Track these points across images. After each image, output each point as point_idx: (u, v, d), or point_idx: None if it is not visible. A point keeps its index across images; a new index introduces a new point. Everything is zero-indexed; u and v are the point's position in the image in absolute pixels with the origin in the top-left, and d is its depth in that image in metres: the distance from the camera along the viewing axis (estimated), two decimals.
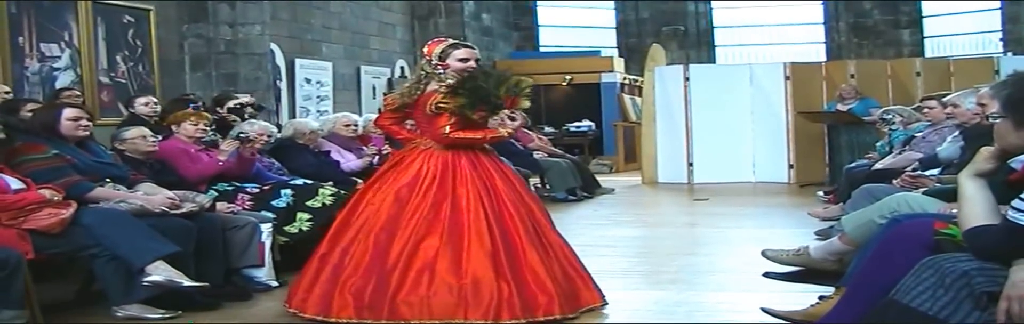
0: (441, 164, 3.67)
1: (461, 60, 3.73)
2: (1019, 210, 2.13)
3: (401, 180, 3.67)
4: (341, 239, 3.64)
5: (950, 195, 2.91)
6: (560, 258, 3.64)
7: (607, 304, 3.69)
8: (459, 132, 3.67)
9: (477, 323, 3.36)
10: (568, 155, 9.91)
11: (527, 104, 3.79)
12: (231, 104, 6.34)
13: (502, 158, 4.03)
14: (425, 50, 3.84)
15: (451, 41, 3.87)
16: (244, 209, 4.58)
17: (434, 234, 3.51)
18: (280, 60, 9.70)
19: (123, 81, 7.69)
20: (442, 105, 3.66)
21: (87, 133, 4.17)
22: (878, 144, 7.66)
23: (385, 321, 3.40)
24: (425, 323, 3.38)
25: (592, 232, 6.26)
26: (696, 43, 16.48)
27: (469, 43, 3.94)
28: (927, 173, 4.89)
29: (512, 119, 3.75)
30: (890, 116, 7.21)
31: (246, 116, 6.24)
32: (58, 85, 6.88)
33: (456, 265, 3.44)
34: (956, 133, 5.26)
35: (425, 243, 3.50)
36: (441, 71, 3.74)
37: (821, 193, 8.10)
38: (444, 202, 3.58)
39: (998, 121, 2.30)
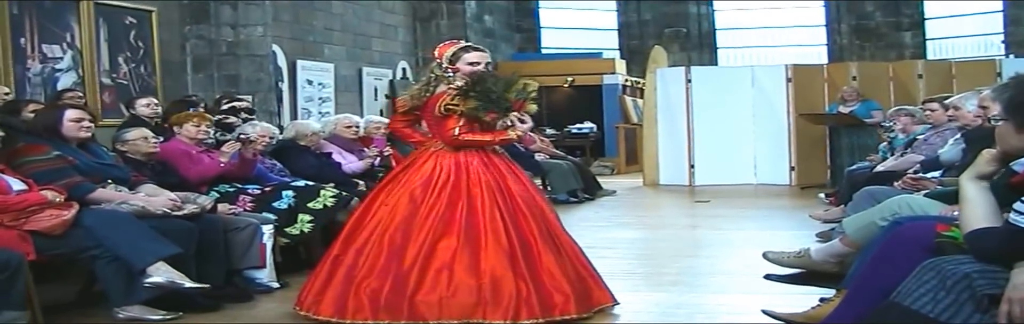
0: (453, 165, 3.68)
1: (471, 64, 3.74)
2: (1020, 212, 2.13)
3: (414, 181, 3.68)
4: (354, 240, 3.62)
5: (951, 197, 2.91)
6: (572, 258, 3.64)
7: (619, 303, 3.70)
8: (468, 134, 3.69)
9: (497, 323, 3.36)
10: (569, 157, 9.92)
11: (534, 108, 3.82)
12: (225, 106, 6.34)
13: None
14: (436, 53, 3.84)
15: (463, 44, 3.88)
16: (245, 210, 4.57)
17: (451, 234, 3.51)
18: (282, 61, 9.71)
19: (125, 82, 7.70)
20: (451, 107, 3.67)
21: (89, 134, 4.17)
22: (880, 146, 7.67)
23: (404, 322, 3.39)
24: (445, 323, 3.38)
25: (593, 234, 6.25)
26: (698, 45, 16.49)
27: (480, 46, 3.94)
28: (928, 175, 4.89)
29: (522, 122, 3.76)
30: (890, 123, 7.24)
31: (241, 118, 6.24)
32: (60, 86, 6.90)
33: (474, 265, 3.44)
34: (957, 136, 5.25)
35: (442, 243, 3.50)
36: (451, 74, 3.75)
37: (822, 195, 8.09)
38: (459, 202, 3.58)
39: (999, 124, 2.30)
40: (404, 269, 3.46)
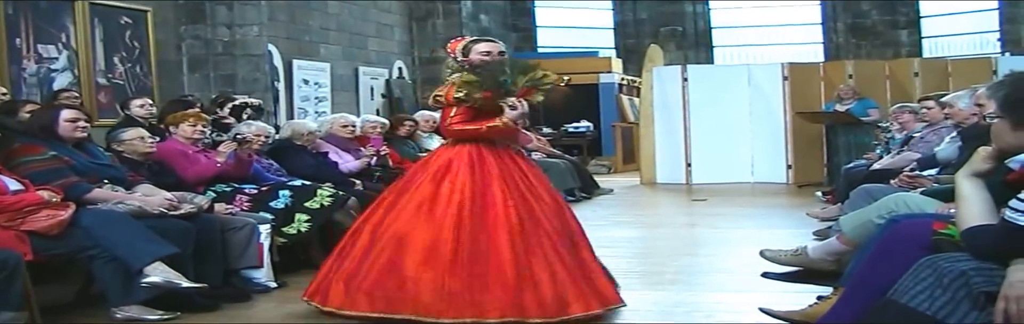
0: (441, 161, 3.70)
1: (483, 53, 3.74)
2: (1016, 210, 2.13)
3: (411, 176, 3.75)
4: (356, 232, 3.71)
5: (948, 195, 2.92)
6: (552, 262, 3.47)
7: (604, 312, 3.51)
8: (458, 124, 3.68)
9: (422, 320, 3.38)
10: (566, 156, 9.91)
11: (540, 98, 3.71)
12: (237, 102, 6.34)
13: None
14: (448, 49, 3.84)
15: (473, 37, 3.90)
16: (242, 210, 4.57)
17: (406, 229, 3.54)
18: (278, 61, 9.70)
19: (121, 82, 7.69)
20: (438, 97, 3.71)
21: (85, 134, 4.16)
22: (873, 143, 7.69)
23: (348, 311, 3.51)
24: (381, 316, 3.45)
25: (591, 233, 6.13)
26: (694, 44, 16.50)
27: (491, 38, 3.94)
28: (925, 173, 4.90)
29: (512, 108, 3.61)
30: (886, 124, 7.26)
31: (244, 117, 6.23)
32: (56, 86, 6.88)
33: (417, 261, 3.46)
34: (954, 133, 5.26)
35: (396, 237, 3.54)
36: (466, 67, 3.75)
37: (819, 193, 8.10)
38: (426, 198, 3.59)
39: (995, 121, 2.30)
40: (367, 259, 3.55)
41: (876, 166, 6.24)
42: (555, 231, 3.59)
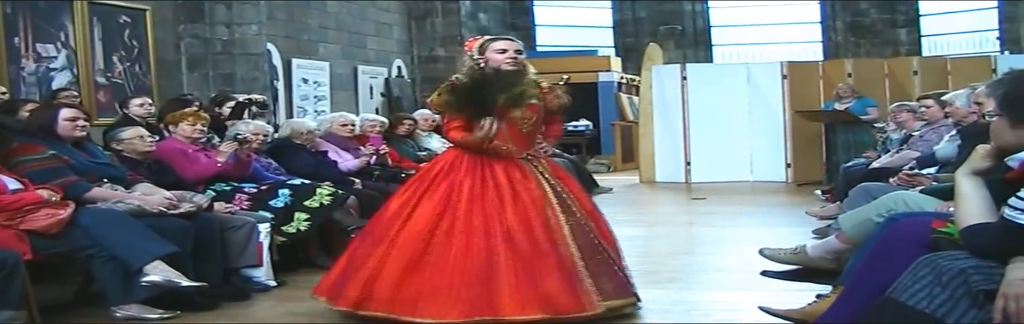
0: (430, 163, 3.74)
1: (500, 51, 3.72)
2: (1016, 208, 2.13)
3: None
4: None
5: (947, 193, 2.92)
6: (474, 265, 3.38)
7: (586, 315, 3.37)
8: (452, 131, 3.68)
9: (343, 310, 3.47)
10: (565, 154, 9.91)
11: (517, 113, 3.65)
12: (241, 99, 6.33)
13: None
14: (465, 48, 3.84)
15: (489, 36, 3.89)
16: (242, 209, 4.57)
17: (378, 232, 3.59)
18: (277, 60, 9.70)
19: (120, 81, 7.69)
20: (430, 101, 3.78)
21: (84, 133, 4.16)
22: (877, 143, 7.69)
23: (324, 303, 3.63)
24: (332, 308, 3.56)
25: None
26: (693, 42, 16.50)
27: (509, 37, 3.91)
28: (924, 171, 4.90)
29: (479, 128, 3.54)
30: (883, 124, 7.27)
31: (248, 114, 6.22)
32: (55, 85, 6.89)
33: (376, 263, 3.49)
34: (953, 132, 5.26)
35: (368, 231, 3.65)
36: (483, 65, 3.74)
37: (819, 192, 8.10)
38: (396, 197, 3.67)
39: (994, 119, 2.30)
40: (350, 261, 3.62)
41: (875, 164, 6.23)
42: (505, 235, 3.45)
